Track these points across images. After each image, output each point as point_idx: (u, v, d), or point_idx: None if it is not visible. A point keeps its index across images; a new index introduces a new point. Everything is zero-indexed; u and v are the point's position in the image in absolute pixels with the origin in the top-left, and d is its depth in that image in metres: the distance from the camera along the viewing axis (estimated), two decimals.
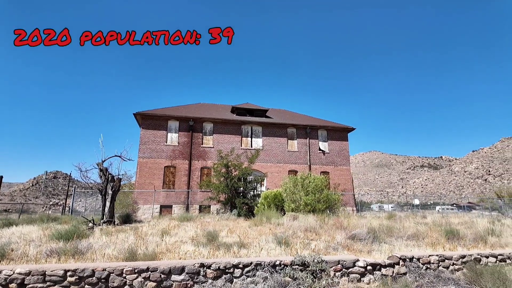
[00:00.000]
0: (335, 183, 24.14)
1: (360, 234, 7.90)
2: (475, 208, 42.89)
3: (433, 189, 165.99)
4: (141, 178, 20.75)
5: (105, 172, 11.41)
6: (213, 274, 5.21)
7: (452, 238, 8.36)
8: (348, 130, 26.68)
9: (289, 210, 14.03)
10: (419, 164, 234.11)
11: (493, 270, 5.28)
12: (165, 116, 22.23)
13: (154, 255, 5.91)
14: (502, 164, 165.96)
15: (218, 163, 17.51)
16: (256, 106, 26.69)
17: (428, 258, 6.03)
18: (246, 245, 6.99)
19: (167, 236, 8.24)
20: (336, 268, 5.58)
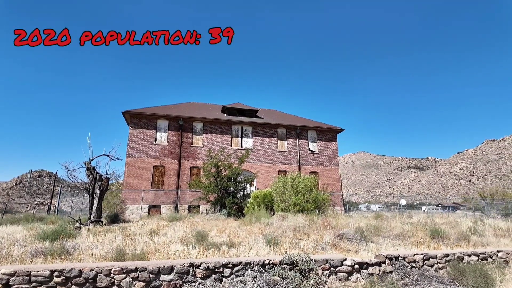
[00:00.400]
0: (324, 183, 24.38)
1: (348, 233, 8.03)
2: (460, 209, 43.95)
3: (419, 190, 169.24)
4: (130, 178, 20.50)
5: (92, 171, 11.24)
6: (202, 273, 5.21)
7: (437, 237, 8.57)
8: (337, 131, 26.98)
9: (278, 210, 14.11)
10: (406, 165, 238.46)
11: (475, 268, 5.45)
12: (154, 115, 22.03)
13: (143, 255, 5.87)
14: (486, 165, 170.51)
15: (208, 163, 17.46)
16: (247, 106, 26.71)
17: (413, 257, 6.17)
18: (236, 244, 7.01)
19: (156, 236, 8.19)
20: (324, 267, 5.66)
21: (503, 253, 6.79)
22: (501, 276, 5.56)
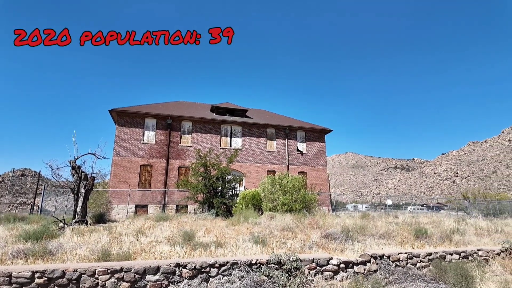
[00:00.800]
0: (312, 183, 24.59)
1: (334, 233, 8.12)
2: (443, 208, 45.03)
3: (405, 190, 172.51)
4: (116, 177, 20.19)
5: (77, 170, 11.02)
6: (188, 273, 5.19)
7: (421, 236, 8.77)
8: (325, 132, 27.24)
9: (266, 209, 14.15)
10: (393, 166, 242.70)
11: (456, 266, 5.60)
12: (142, 114, 21.75)
13: (129, 255, 5.80)
14: (469, 166, 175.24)
15: (196, 163, 17.36)
16: (236, 105, 26.69)
17: (397, 255, 6.30)
18: (223, 244, 7.00)
19: (142, 236, 8.09)
20: (311, 266, 5.72)
21: (483, 251, 7.00)
22: (480, 274, 5.73)
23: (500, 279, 5.59)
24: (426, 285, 5.40)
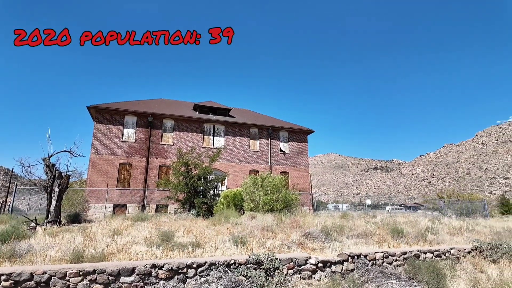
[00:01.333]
0: (294, 183, 24.77)
1: (313, 232, 8.19)
2: (420, 208, 46.45)
3: (385, 190, 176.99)
4: (94, 176, 19.59)
5: (51, 168, 10.59)
6: (165, 274, 5.08)
7: (397, 236, 8.98)
8: (307, 132, 27.51)
9: (248, 209, 14.12)
10: (373, 167, 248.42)
11: (429, 265, 5.76)
12: (121, 111, 21.20)
13: (103, 256, 5.62)
14: (444, 168, 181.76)
15: (178, 162, 17.10)
16: (220, 104, 26.51)
17: (374, 254, 6.41)
18: (202, 245, 6.91)
19: (118, 236, 7.88)
20: (289, 265, 5.73)
21: (455, 250, 7.25)
22: (452, 272, 5.92)
23: (470, 277, 5.79)
24: (401, 283, 5.52)
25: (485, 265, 6.59)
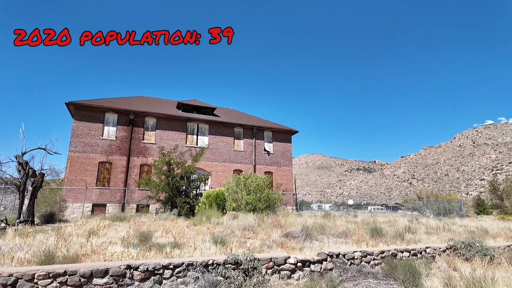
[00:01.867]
0: (277, 183, 24.84)
1: (294, 232, 8.20)
2: (401, 209, 47.61)
3: (367, 191, 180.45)
4: (72, 174, 18.99)
5: (24, 166, 10.15)
6: (140, 275, 4.94)
7: (376, 235, 9.12)
8: (292, 133, 27.66)
9: (230, 209, 14.03)
10: (356, 167, 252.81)
11: (405, 263, 5.87)
12: (102, 108, 20.63)
13: (76, 258, 5.43)
14: (424, 169, 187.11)
15: (160, 161, 16.80)
16: (204, 103, 26.26)
17: (352, 254, 6.47)
18: (181, 245, 6.79)
19: (94, 236, 7.63)
20: (268, 265, 5.70)
21: (431, 249, 7.42)
22: (427, 270, 6.05)
23: (444, 275, 5.93)
24: (378, 282, 5.59)
25: (459, 263, 6.77)
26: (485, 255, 7.07)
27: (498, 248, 7.96)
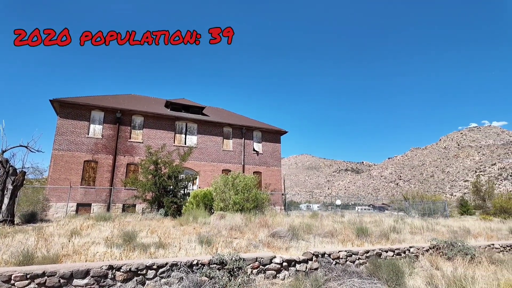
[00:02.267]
0: (266, 183, 24.87)
1: (281, 231, 8.21)
2: (387, 209, 48.35)
3: (355, 191, 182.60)
4: (56, 173, 18.54)
5: (4, 164, 9.83)
6: (123, 276, 4.85)
7: (362, 235, 9.21)
8: (281, 133, 27.73)
9: (217, 209, 13.95)
10: (344, 168, 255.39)
11: (389, 263, 5.94)
12: (88, 106, 20.21)
13: (56, 258, 5.28)
14: (411, 170, 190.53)
15: (147, 160, 16.58)
16: (193, 102, 26.06)
17: (338, 253, 6.51)
18: (166, 245, 6.70)
19: (77, 236, 7.46)
20: (254, 265, 5.67)
21: (414, 248, 7.54)
22: (410, 270, 6.14)
23: (427, 274, 6.03)
24: (362, 281, 5.64)
25: (441, 263, 6.90)
26: (466, 254, 7.23)
27: (479, 247, 8.14)
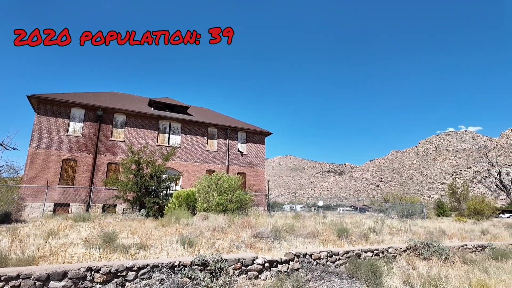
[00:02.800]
0: (250, 183, 24.92)
1: (263, 232, 8.26)
2: (368, 210, 49.39)
3: (337, 192, 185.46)
4: (32, 172, 17.89)
5: None
6: (102, 278, 4.76)
7: (343, 235, 9.40)
8: (265, 134, 27.85)
9: (201, 210, 13.86)
10: (327, 170, 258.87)
11: (368, 263, 6.10)
12: (68, 103, 19.62)
13: (32, 260, 5.12)
14: (391, 173, 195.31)
15: (128, 159, 16.28)
16: (177, 101, 25.77)
17: (319, 254, 6.63)
18: (147, 246, 6.61)
19: (54, 237, 7.25)
20: (236, 266, 5.69)
21: (392, 249, 7.77)
22: (388, 269, 6.33)
23: (404, 274, 6.23)
24: (342, 281, 5.76)
25: (417, 263, 7.14)
26: (441, 254, 7.51)
27: (453, 248, 8.48)
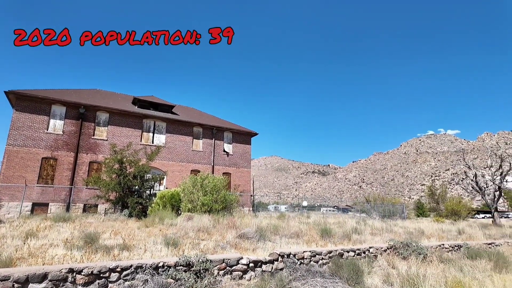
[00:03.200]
0: (235, 184, 24.91)
1: (248, 233, 8.31)
2: (351, 210, 50.27)
3: (321, 193, 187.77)
4: (9, 170, 17.26)
5: None
6: (84, 279, 4.68)
7: (326, 236, 9.57)
8: (251, 135, 27.91)
9: (185, 210, 13.76)
10: (311, 170, 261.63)
11: (350, 262, 6.26)
12: (48, 99, 19.04)
13: (10, 262, 4.97)
14: (373, 174, 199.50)
15: (111, 158, 15.96)
16: (162, 100, 25.46)
17: (302, 254, 6.74)
18: (130, 247, 6.53)
19: (33, 238, 7.04)
20: (221, 266, 5.71)
21: (374, 249, 7.99)
22: (369, 269, 6.51)
23: (384, 273, 6.43)
24: (324, 280, 5.88)
25: (397, 262, 7.37)
26: (420, 254, 7.78)
27: (431, 247, 8.79)
